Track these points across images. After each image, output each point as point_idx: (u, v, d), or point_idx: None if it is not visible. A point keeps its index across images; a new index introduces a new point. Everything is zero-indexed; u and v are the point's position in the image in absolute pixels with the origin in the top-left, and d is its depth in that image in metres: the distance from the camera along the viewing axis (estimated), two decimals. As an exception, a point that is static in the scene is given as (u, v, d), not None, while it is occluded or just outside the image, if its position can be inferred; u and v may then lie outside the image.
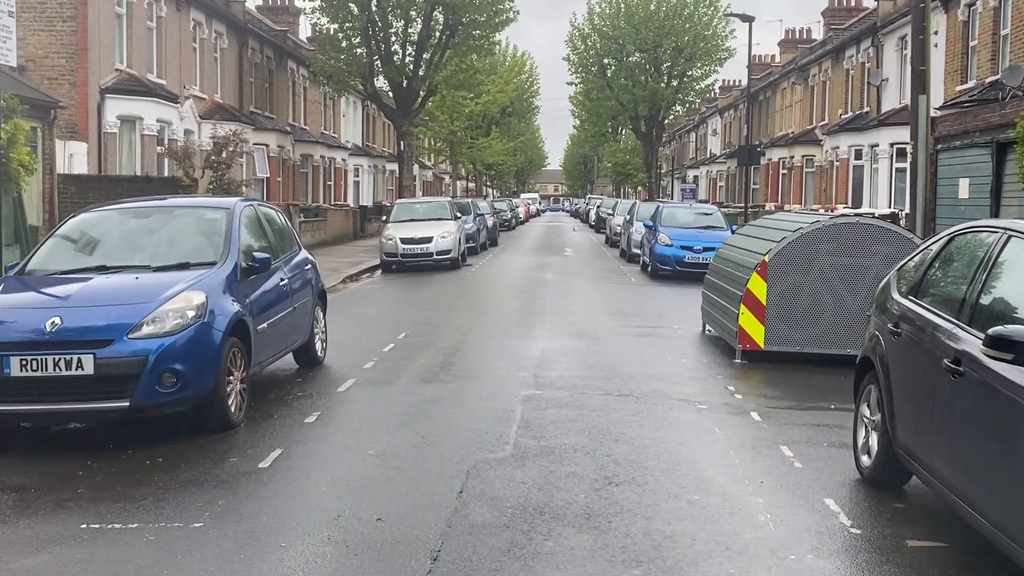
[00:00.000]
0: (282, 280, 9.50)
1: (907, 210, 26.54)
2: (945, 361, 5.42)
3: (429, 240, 24.71)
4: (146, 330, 7.40)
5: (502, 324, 14.52)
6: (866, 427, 6.96)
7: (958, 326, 5.46)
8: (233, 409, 8.01)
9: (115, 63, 24.79)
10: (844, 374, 11.00)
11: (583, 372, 10.52)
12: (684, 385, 10.02)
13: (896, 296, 6.79)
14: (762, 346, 11.54)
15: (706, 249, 22.63)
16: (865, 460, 6.87)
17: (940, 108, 26.41)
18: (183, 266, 8.33)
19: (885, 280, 7.37)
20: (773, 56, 60.07)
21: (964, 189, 19.68)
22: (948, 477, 5.40)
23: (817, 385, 10.35)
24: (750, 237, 13.01)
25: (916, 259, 6.90)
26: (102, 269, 8.34)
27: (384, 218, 27.60)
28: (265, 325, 8.82)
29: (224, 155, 22.61)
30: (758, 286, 11.51)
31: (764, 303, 11.51)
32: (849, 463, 7.14)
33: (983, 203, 18.73)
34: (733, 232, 24.15)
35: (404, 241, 24.64)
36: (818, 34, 49.11)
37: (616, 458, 7.16)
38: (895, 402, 6.31)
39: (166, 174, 24.78)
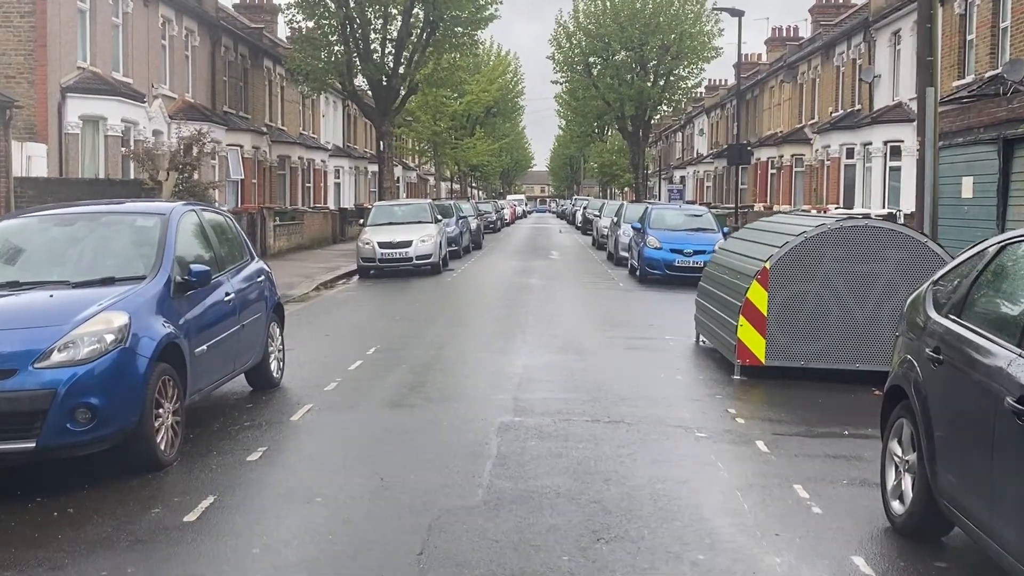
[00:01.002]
0: (228, 295, 8.43)
1: (904, 210, 25.67)
2: (1008, 400, 4.42)
3: (408, 244, 23.65)
4: (56, 358, 6.34)
5: (482, 336, 13.48)
6: (897, 467, 5.96)
7: (1025, 357, 4.46)
8: (163, 447, 6.95)
9: (77, 61, 23.62)
10: (854, 392, 10.05)
11: (568, 393, 9.48)
12: (680, 408, 9.00)
13: (933, 315, 5.78)
14: (763, 361, 10.54)
15: (697, 252, 21.70)
16: (897, 507, 5.86)
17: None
18: (107, 281, 7.25)
19: (916, 295, 6.37)
20: (759, 55, 59.25)
21: (967, 188, 18.75)
22: (1014, 543, 4.39)
23: (825, 405, 9.36)
24: (748, 242, 12.00)
25: (956, 271, 5.89)
26: (14, 285, 7.25)
27: (361, 221, 26.48)
28: (205, 348, 7.75)
29: (190, 156, 21.48)
30: (758, 295, 10.51)
31: (765, 314, 10.50)
32: (875, 506, 6.14)
33: (989, 203, 17.80)
34: (725, 235, 23.27)
35: (382, 245, 23.57)
36: (805, 32, 48.32)
37: (606, 505, 6.12)
38: (936, 442, 5.30)
39: (132, 176, 23.66)
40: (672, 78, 50.25)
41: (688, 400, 9.38)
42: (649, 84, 50.32)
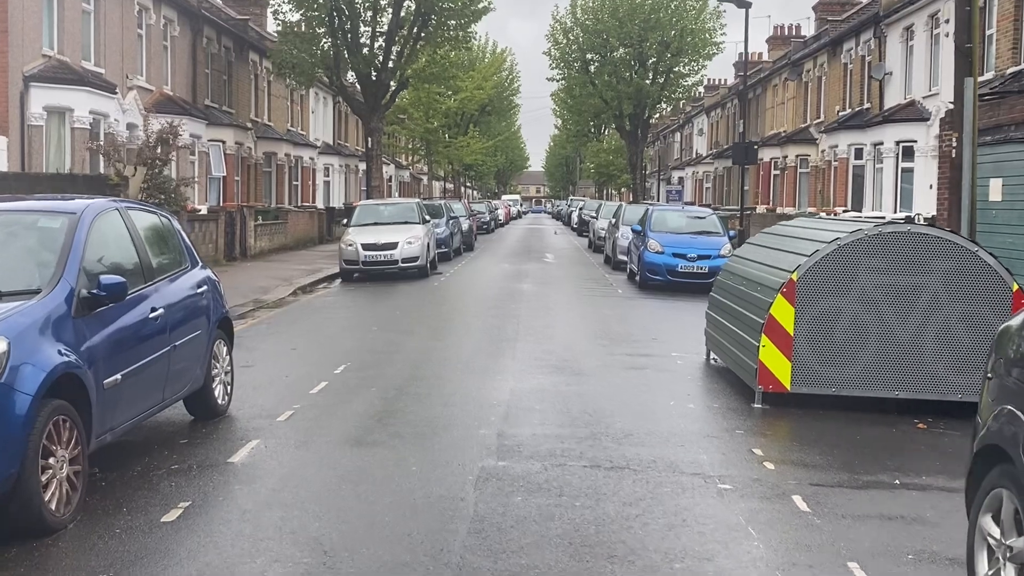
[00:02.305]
0: (155, 310, 7.00)
1: (922, 213, 24.28)
2: None
3: (394, 246, 22.21)
4: (-96, 398, 4.92)
5: (466, 352, 12.03)
6: (993, 552, 4.55)
7: None
8: (55, 505, 5.52)
9: (43, 48, 22.17)
10: (895, 425, 8.65)
11: (563, 428, 8.05)
12: (695, 447, 7.58)
13: (1050, 355, 4.37)
14: (788, 388, 9.13)
15: (701, 257, 20.33)
16: (996, 607, 4.45)
17: (954, 102, 24.14)
18: (-9, 296, 5.83)
19: (1011, 325, 4.95)
20: (760, 53, 57.87)
21: (996, 191, 17.33)
22: None
23: (865, 443, 7.96)
24: (769, 249, 10.58)
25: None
26: None
27: (345, 221, 25.03)
28: (119, 377, 6.32)
29: (161, 150, 20.03)
30: (784, 312, 9.10)
31: (791, 333, 9.09)
32: (956, 596, 4.74)
33: (1021, 206, 16.40)
34: (731, 239, 21.88)
35: (366, 247, 22.13)
36: (808, 30, 46.95)
37: (612, 597, 4.71)
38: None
39: (102, 171, 22.19)
40: (672, 75, 48.80)
41: (704, 437, 7.96)
42: (648, 82, 48.89)
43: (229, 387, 8.61)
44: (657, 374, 10.65)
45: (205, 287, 8.19)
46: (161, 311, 7.08)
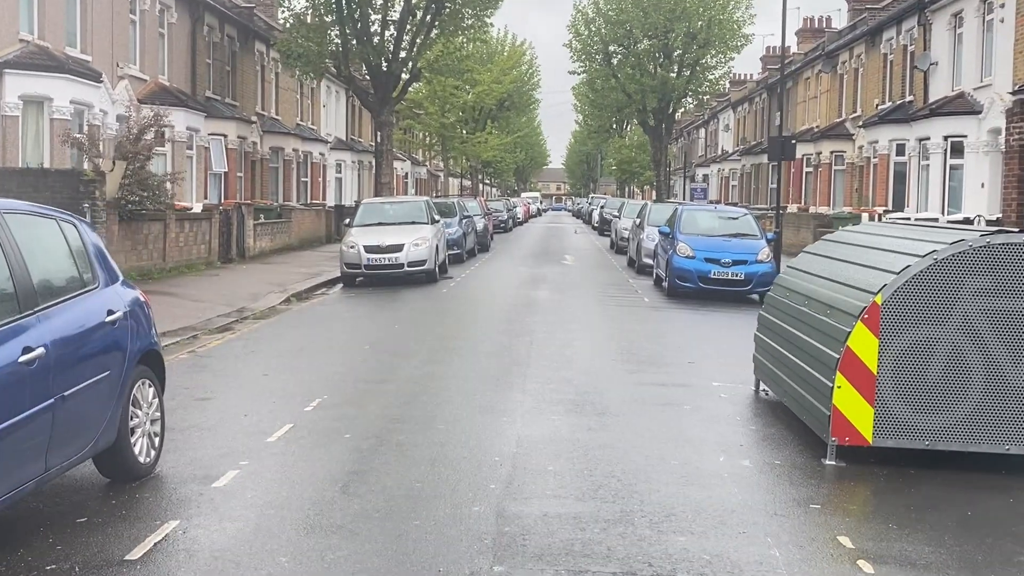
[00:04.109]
0: (27, 352, 5.13)
1: (983, 215, 22.21)
2: None
3: (399, 248, 20.35)
4: None
5: (468, 381, 10.11)
6: None
7: None
8: None
9: (20, 32, 20.43)
10: (1011, 491, 6.72)
11: (584, 503, 6.11)
12: (762, 535, 5.63)
13: None
14: (870, 441, 7.20)
15: (736, 263, 18.36)
16: None
17: (1014, 93, 22.08)
18: None
19: None
20: (788, 47, 55.61)
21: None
22: None
23: (982, 521, 6.04)
24: (837, 261, 8.61)
25: None
26: None
27: (347, 221, 23.19)
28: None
29: (142, 143, 18.27)
30: (865, 344, 7.15)
31: (875, 372, 7.15)
32: None
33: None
34: (768, 242, 19.86)
35: (369, 249, 20.29)
36: (839, 22, 44.76)
37: None
38: None
39: (85, 165, 20.44)
40: (698, 68, 46.67)
41: (770, 516, 6.02)
42: (674, 75, 46.81)
43: (158, 438, 6.76)
44: (698, 415, 8.71)
45: (121, 312, 6.32)
46: (40, 351, 5.22)
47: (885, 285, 7.17)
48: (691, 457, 7.23)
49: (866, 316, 7.16)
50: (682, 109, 55.59)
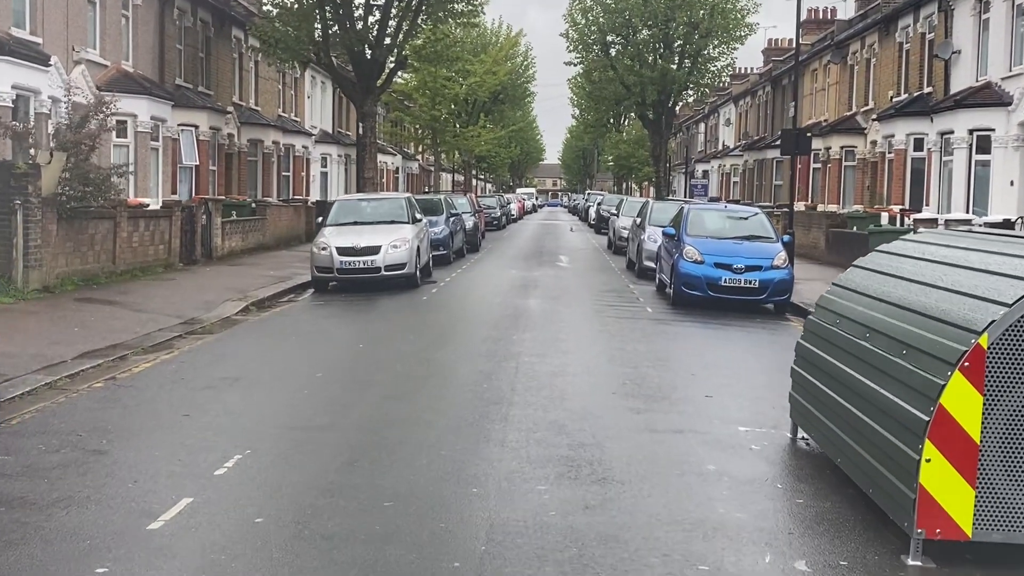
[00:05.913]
0: None
1: (1015, 215, 20.28)
2: None
3: (375, 251, 18.36)
4: None
5: (432, 428, 8.04)
6: None
7: None
8: None
9: (-45, 10, 18.44)
10: None
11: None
12: None
13: None
14: (969, 535, 5.25)
15: (749, 268, 16.41)
16: None
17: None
18: None
19: None
20: (790, 40, 53.68)
21: None
22: None
23: None
24: (908, 282, 6.62)
25: None
26: None
27: (320, 219, 21.19)
28: None
29: (83, 132, 16.25)
30: (966, 402, 5.20)
31: (978, 440, 5.20)
32: None
33: None
34: (784, 244, 17.90)
35: (342, 251, 18.30)
36: (844, 13, 42.77)
37: None
38: None
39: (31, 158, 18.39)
40: (700, 59, 44.66)
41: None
42: (674, 66, 44.80)
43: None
44: (726, 480, 6.71)
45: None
46: None
47: (993, 322, 5.20)
48: (726, 558, 5.25)
49: (966, 364, 5.19)
50: (682, 102, 53.60)
